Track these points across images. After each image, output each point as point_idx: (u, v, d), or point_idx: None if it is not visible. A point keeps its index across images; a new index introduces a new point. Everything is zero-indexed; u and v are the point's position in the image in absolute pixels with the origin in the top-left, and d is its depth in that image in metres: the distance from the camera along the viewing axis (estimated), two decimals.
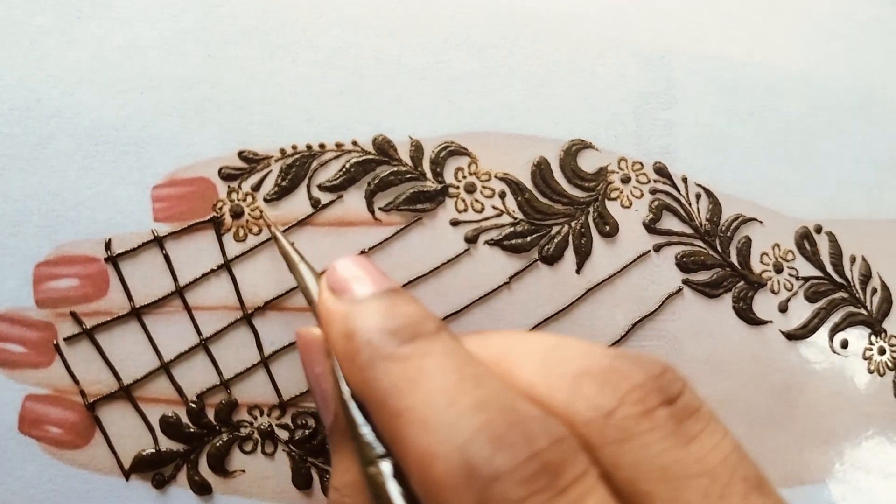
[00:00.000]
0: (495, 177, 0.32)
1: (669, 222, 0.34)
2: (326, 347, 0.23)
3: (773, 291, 0.35)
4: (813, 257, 0.35)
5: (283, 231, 0.30)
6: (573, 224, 0.33)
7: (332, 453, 0.23)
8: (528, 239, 0.32)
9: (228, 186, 0.30)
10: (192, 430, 0.30)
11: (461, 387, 0.19)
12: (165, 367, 0.30)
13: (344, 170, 0.31)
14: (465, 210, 0.32)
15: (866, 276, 0.36)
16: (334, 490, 0.22)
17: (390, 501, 0.20)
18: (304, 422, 0.31)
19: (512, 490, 0.17)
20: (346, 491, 0.22)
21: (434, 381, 0.19)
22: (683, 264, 0.33)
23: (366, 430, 0.21)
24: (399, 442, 0.19)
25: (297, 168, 0.31)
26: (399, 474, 0.20)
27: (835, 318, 0.35)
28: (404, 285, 0.31)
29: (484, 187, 0.32)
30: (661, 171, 0.34)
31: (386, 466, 0.20)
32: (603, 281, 0.33)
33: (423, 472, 0.18)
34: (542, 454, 0.18)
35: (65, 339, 0.29)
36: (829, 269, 0.35)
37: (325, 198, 0.31)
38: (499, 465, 0.17)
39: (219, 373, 0.30)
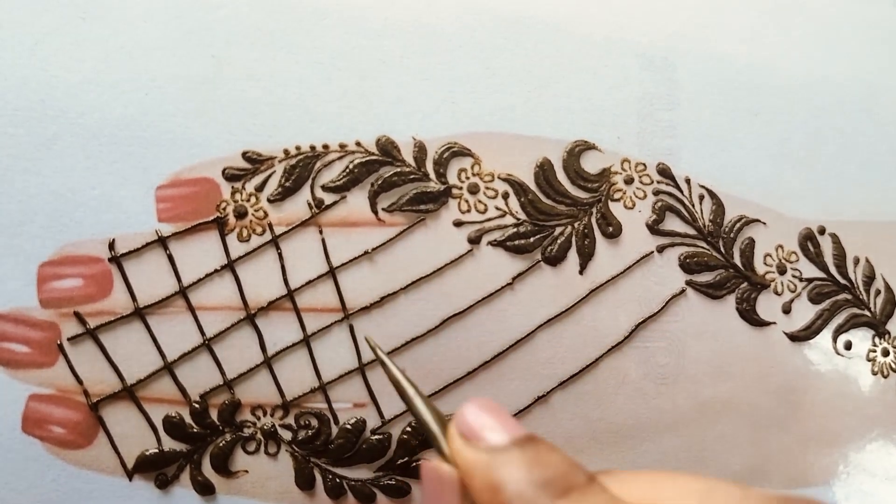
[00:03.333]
0: (498, 178, 0.32)
1: (672, 223, 0.34)
2: (462, 490, 0.22)
3: (776, 293, 0.35)
4: (816, 259, 0.35)
5: (284, 232, 0.30)
6: (576, 225, 0.33)
7: None
8: (532, 240, 0.32)
9: (232, 187, 0.30)
10: (195, 430, 0.30)
11: None
12: (169, 368, 0.30)
13: (347, 170, 0.31)
14: (469, 211, 0.32)
15: (870, 278, 0.36)
16: None
17: None
18: (307, 422, 0.31)
19: None
20: None
21: None
22: (687, 265, 0.33)
23: None
24: None
25: (301, 169, 0.31)
26: None
27: (838, 319, 0.35)
28: (407, 286, 0.31)
29: (487, 188, 0.32)
30: (665, 172, 0.34)
31: None
32: (606, 282, 0.33)
33: None
34: None
35: (68, 339, 0.29)
36: (833, 270, 0.35)
37: (328, 198, 0.31)
38: None
39: (222, 373, 0.30)
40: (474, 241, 0.32)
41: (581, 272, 0.32)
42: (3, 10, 0.29)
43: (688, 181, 0.34)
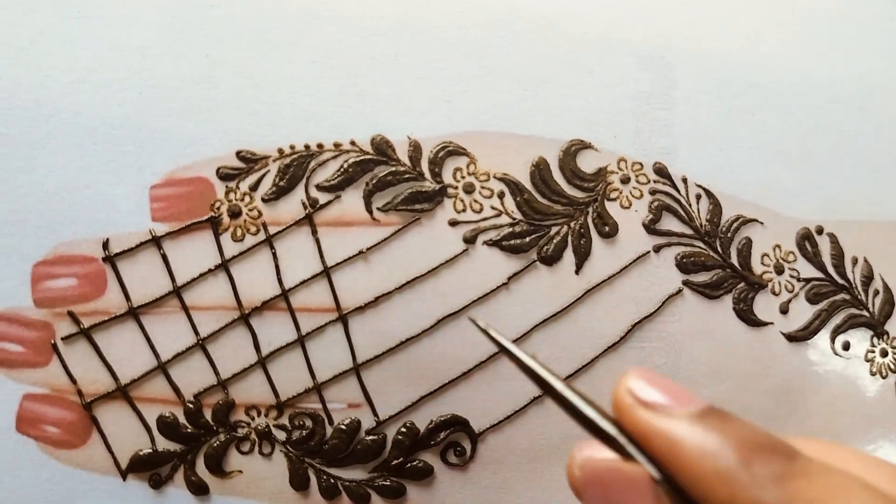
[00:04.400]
0: (494, 177, 0.32)
1: (669, 223, 0.33)
2: (653, 482, 0.18)
3: (773, 293, 0.34)
4: (814, 258, 0.35)
5: (278, 232, 0.30)
6: (572, 224, 0.32)
7: None
8: (527, 239, 0.32)
9: (226, 186, 0.30)
10: (189, 430, 0.30)
11: None
12: (163, 367, 0.30)
13: (342, 170, 0.31)
14: (464, 210, 0.32)
15: (868, 278, 0.36)
16: None
17: None
18: (301, 422, 0.31)
19: None
20: None
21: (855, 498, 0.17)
22: (683, 265, 0.33)
23: None
24: None
25: (295, 168, 0.31)
26: None
27: (836, 319, 0.35)
28: (402, 286, 0.31)
29: (482, 187, 0.32)
30: (661, 171, 0.33)
31: None
32: (602, 282, 0.32)
33: None
34: None
35: (62, 339, 0.29)
36: (831, 270, 0.35)
37: (323, 198, 0.31)
38: None
39: (216, 373, 0.30)
40: (470, 240, 0.32)
41: (577, 272, 0.32)
42: None
43: (684, 180, 0.34)
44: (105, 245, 0.30)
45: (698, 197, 0.34)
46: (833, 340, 0.35)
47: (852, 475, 0.18)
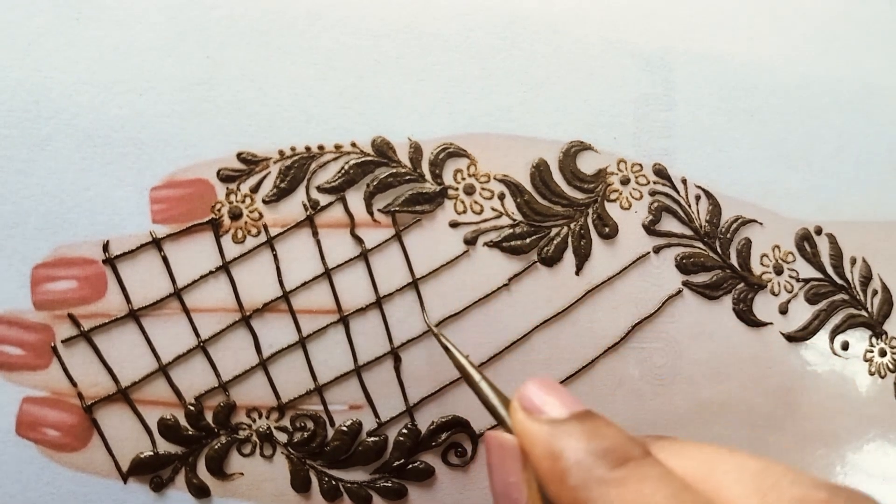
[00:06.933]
0: (494, 178, 0.32)
1: (669, 224, 0.33)
2: (523, 459, 0.23)
3: (773, 293, 0.35)
4: (813, 259, 0.35)
5: (279, 233, 0.30)
6: (572, 226, 0.33)
7: None
8: (528, 240, 0.32)
9: (227, 188, 0.30)
10: (190, 432, 0.30)
11: None
12: (163, 370, 0.30)
13: (343, 171, 0.31)
14: (464, 212, 0.32)
15: (867, 278, 0.36)
16: None
17: None
18: (302, 424, 0.31)
19: None
20: None
21: None
22: (683, 266, 0.33)
23: None
24: None
25: (296, 170, 0.30)
26: None
27: (835, 319, 0.35)
28: (403, 287, 0.31)
29: (483, 189, 0.32)
30: (661, 172, 0.33)
31: None
32: (602, 283, 0.33)
33: None
34: None
35: (62, 342, 0.29)
36: (830, 270, 0.35)
37: (324, 199, 0.31)
38: None
39: (217, 375, 0.30)
40: (470, 242, 0.32)
41: (577, 273, 0.32)
42: None
43: (684, 182, 0.34)
44: (105, 247, 0.29)
45: (698, 198, 0.34)
46: (832, 340, 0.35)
47: (671, 489, 0.20)
